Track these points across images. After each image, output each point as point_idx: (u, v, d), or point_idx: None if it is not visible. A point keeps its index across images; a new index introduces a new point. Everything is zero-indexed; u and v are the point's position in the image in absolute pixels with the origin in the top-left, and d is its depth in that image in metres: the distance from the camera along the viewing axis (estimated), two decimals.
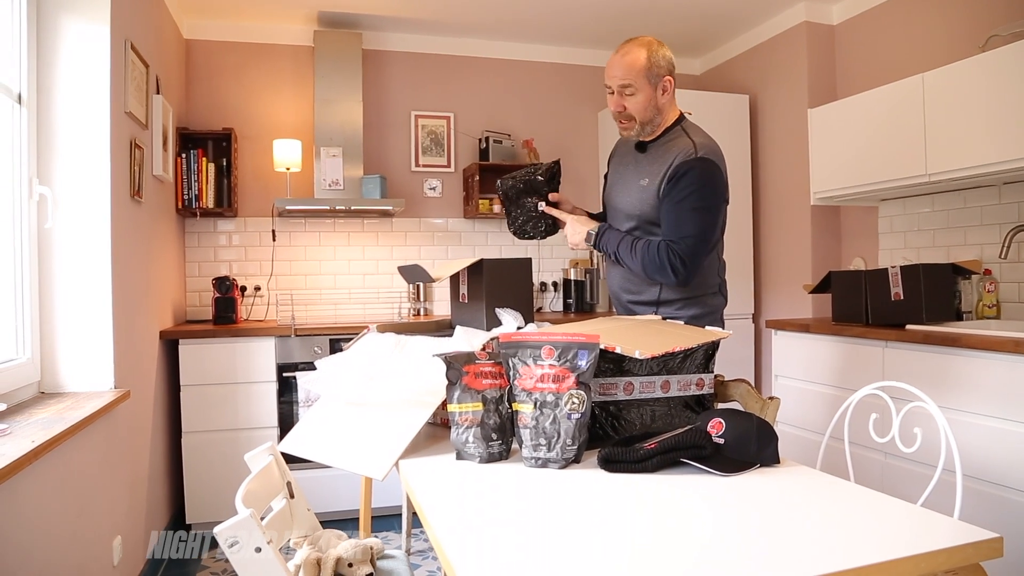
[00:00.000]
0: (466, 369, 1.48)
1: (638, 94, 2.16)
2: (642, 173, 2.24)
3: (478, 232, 4.61)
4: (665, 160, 2.18)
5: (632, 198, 2.26)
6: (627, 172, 2.32)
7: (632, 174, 2.29)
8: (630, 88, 2.16)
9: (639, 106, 2.18)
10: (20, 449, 1.59)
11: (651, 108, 2.19)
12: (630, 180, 2.29)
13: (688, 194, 2.10)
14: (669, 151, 2.18)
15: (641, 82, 2.15)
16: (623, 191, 2.32)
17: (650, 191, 2.19)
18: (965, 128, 2.86)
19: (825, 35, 4.06)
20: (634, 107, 2.18)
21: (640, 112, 2.19)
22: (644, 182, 2.21)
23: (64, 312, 2.39)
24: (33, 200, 2.30)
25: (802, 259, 4.09)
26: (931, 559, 1.00)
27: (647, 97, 2.17)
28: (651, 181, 2.19)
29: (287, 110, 4.29)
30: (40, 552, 1.85)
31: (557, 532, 1.10)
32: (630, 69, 2.15)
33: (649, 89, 2.16)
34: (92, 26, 2.43)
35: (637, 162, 2.29)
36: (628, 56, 2.16)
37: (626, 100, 2.18)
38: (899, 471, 2.76)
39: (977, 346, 2.48)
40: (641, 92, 2.16)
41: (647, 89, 2.16)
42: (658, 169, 2.18)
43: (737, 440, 1.43)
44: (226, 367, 3.49)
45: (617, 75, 2.17)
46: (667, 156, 2.18)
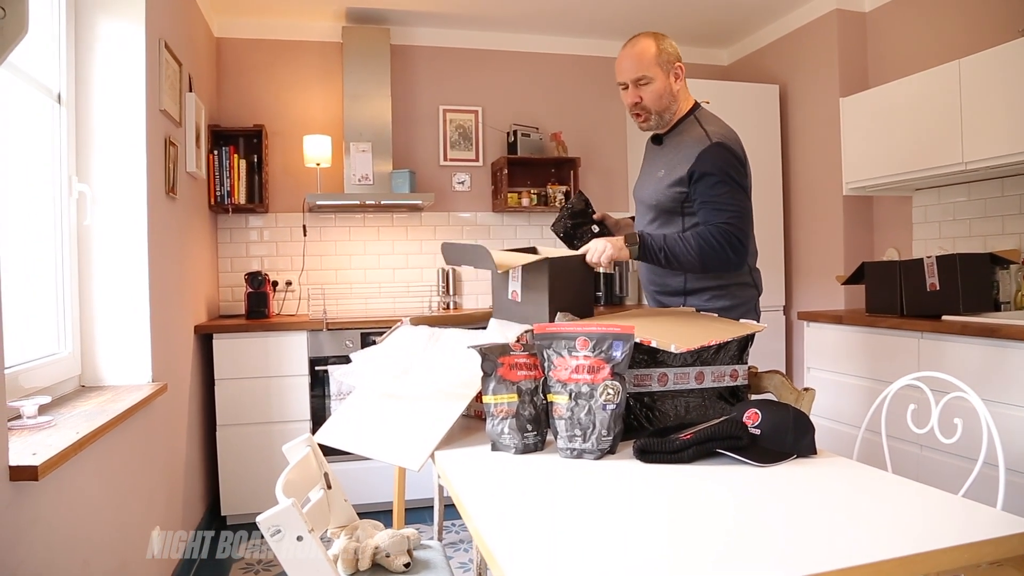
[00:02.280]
0: (501, 360, 1.49)
1: (653, 83, 2.19)
2: (659, 165, 2.28)
3: (507, 226, 4.62)
4: (680, 151, 2.20)
5: (650, 189, 2.29)
6: (648, 165, 2.38)
7: (650, 167, 2.34)
8: (644, 79, 2.19)
9: (655, 95, 2.20)
10: (65, 440, 1.63)
11: (667, 96, 2.21)
12: (649, 172, 2.34)
13: (714, 180, 2.11)
14: (683, 142, 2.21)
15: (655, 70, 2.18)
16: (644, 183, 2.36)
17: (665, 182, 2.21)
18: (1003, 115, 2.81)
19: (856, 22, 4.00)
20: (650, 97, 2.20)
21: (656, 101, 2.21)
22: (660, 173, 2.25)
23: (103, 307, 2.44)
24: (72, 197, 2.34)
25: (834, 250, 4.05)
26: (976, 549, 0.99)
27: (662, 84, 2.19)
28: (667, 173, 2.22)
29: (316, 106, 4.32)
30: (85, 542, 1.90)
31: (593, 522, 1.11)
32: (641, 59, 2.18)
33: (663, 76, 2.19)
34: (128, 26, 2.47)
35: (655, 155, 2.34)
36: (637, 47, 2.20)
37: (642, 91, 2.20)
38: (936, 463, 2.72)
39: (1017, 336, 2.44)
40: (656, 80, 2.19)
41: (661, 77, 2.19)
42: (674, 160, 2.20)
43: (774, 430, 1.42)
44: (259, 361, 3.54)
45: (630, 68, 2.20)
46: (681, 147, 2.21)
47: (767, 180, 4.31)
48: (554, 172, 4.58)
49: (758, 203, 2.26)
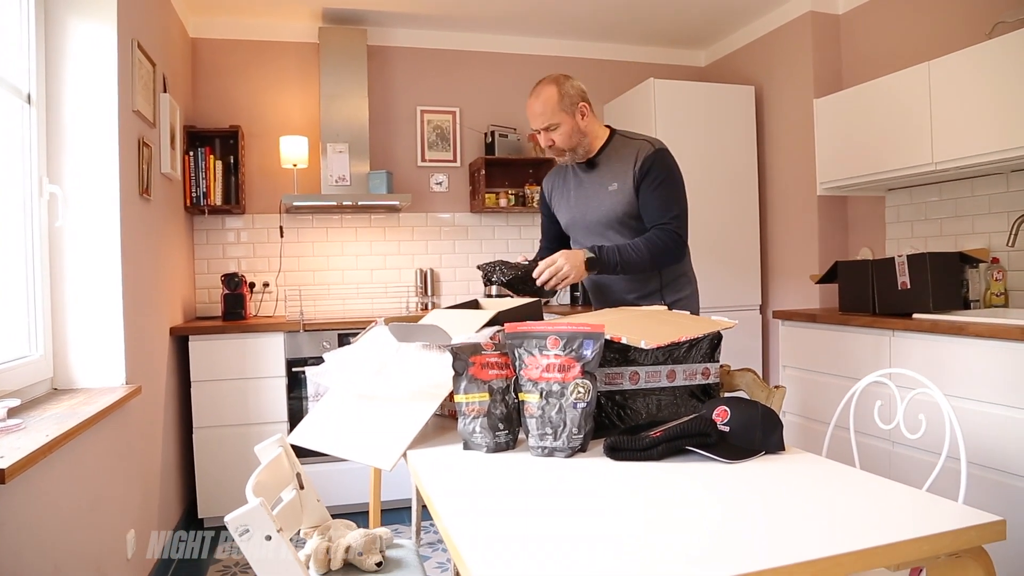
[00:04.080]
0: (472, 360, 1.49)
1: (561, 127, 2.34)
2: (605, 181, 2.39)
3: (485, 226, 4.63)
4: (624, 162, 2.35)
5: (605, 206, 2.39)
6: (586, 189, 2.46)
7: (593, 187, 2.43)
8: (552, 125, 2.34)
9: (564, 136, 2.35)
10: (35, 443, 1.62)
11: (576, 134, 2.36)
12: (594, 192, 2.42)
13: (663, 179, 2.30)
14: (625, 156, 2.36)
15: (559, 116, 2.33)
16: (593, 203, 2.43)
17: (624, 192, 2.34)
18: (972, 116, 2.85)
19: (830, 24, 4.04)
20: (561, 139, 2.35)
21: (566, 141, 2.36)
22: (614, 187, 2.37)
23: (75, 309, 2.42)
24: (43, 199, 2.32)
25: (809, 250, 4.09)
26: (935, 541, 1.01)
27: (570, 127, 2.34)
28: (620, 184, 2.35)
29: (293, 107, 4.31)
30: (56, 545, 1.88)
31: (563, 519, 1.12)
32: (545, 107, 2.33)
33: (569, 119, 2.34)
34: (99, 26, 2.45)
35: (592, 177, 2.44)
36: (541, 96, 2.34)
37: (552, 135, 2.35)
38: (905, 459, 2.76)
39: (984, 334, 2.48)
40: (563, 124, 2.34)
41: (567, 120, 2.34)
42: (623, 171, 2.35)
43: (742, 428, 1.43)
44: (236, 363, 3.52)
45: (537, 116, 2.35)
46: (624, 158, 2.36)
47: (743, 181, 4.35)
48: (532, 173, 4.59)
49: (734, 203, 2.30)
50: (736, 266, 4.34)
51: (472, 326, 1.70)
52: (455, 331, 1.64)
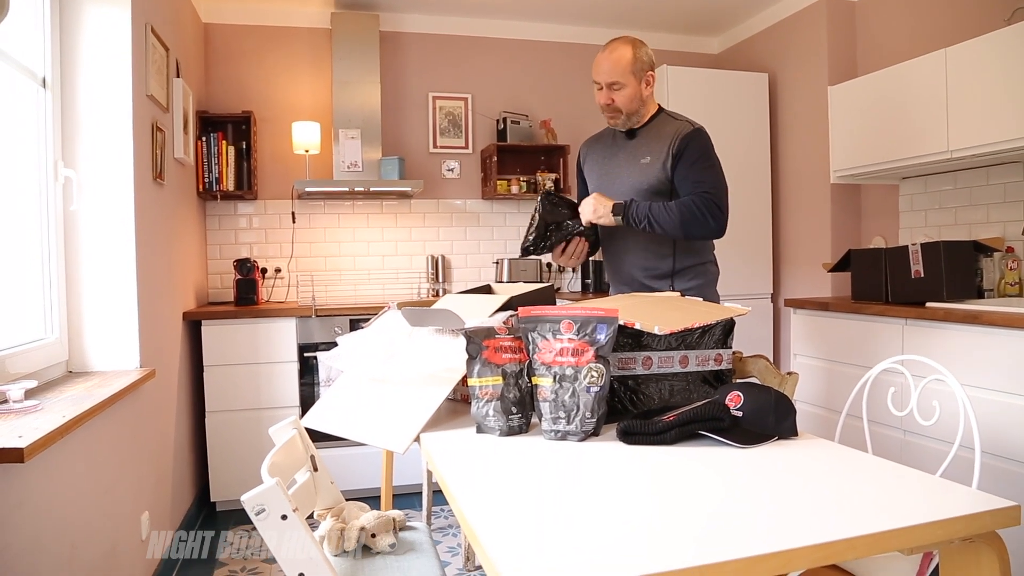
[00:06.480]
0: (486, 344, 1.50)
1: (625, 88, 2.32)
2: (640, 154, 2.39)
3: (496, 213, 4.62)
4: (663, 139, 2.35)
5: (633, 177, 2.39)
6: (619, 158, 2.46)
7: (627, 157, 2.43)
8: (617, 84, 2.32)
9: (626, 99, 2.34)
10: (52, 423, 1.63)
11: (636, 101, 2.35)
12: (626, 162, 2.43)
13: (699, 156, 2.31)
14: (663, 132, 2.37)
15: (628, 78, 2.31)
16: (623, 172, 2.43)
17: (655, 167, 2.34)
18: (989, 104, 2.83)
19: (845, 11, 4.01)
20: (621, 101, 2.34)
21: (626, 105, 2.35)
22: (646, 160, 2.37)
23: (90, 293, 2.44)
24: (58, 183, 2.34)
25: (821, 238, 4.07)
26: (949, 526, 1.01)
27: (633, 91, 2.33)
28: (654, 159, 2.35)
29: (305, 93, 4.31)
30: (73, 524, 1.90)
31: (576, 503, 1.12)
32: (616, 65, 2.31)
33: (635, 83, 2.33)
34: (114, 10, 2.46)
35: (628, 148, 2.44)
36: (615, 54, 2.32)
37: (614, 94, 2.34)
38: (917, 448, 2.76)
39: (998, 323, 2.46)
40: (628, 87, 2.32)
41: (633, 84, 2.32)
42: (659, 148, 2.35)
43: (755, 413, 1.43)
44: (248, 348, 3.54)
45: (605, 72, 2.33)
46: (664, 136, 2.36)
47: (756, 168, 4.32)
48: (543, 159, 4.58)
49: (747, 191, 2.29)
50: (748, 254, 4.32)
51: (485, 310, 1.71)
52: (468, 315, 1.65)
